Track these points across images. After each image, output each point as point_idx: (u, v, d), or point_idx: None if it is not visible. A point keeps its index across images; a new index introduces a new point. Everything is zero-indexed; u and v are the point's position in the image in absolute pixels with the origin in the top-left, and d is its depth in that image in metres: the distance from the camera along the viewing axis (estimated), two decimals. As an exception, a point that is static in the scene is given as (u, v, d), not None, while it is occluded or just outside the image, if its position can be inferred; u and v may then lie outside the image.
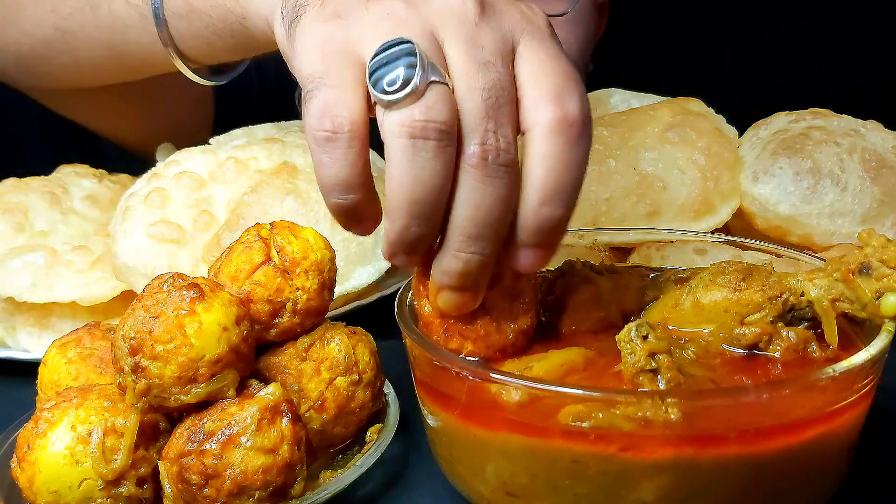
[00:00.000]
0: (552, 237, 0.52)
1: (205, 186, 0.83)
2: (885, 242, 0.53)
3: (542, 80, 0.51)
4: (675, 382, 0.50)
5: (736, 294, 0.57)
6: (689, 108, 0.90)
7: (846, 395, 0.49)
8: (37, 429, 0.54)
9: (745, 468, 0.48)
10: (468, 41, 0.51)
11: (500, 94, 0.50)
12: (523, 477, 0.50)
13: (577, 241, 0.71)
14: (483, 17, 0.52)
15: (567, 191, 0.51)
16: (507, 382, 0.49)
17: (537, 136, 0.50)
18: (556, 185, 0.50)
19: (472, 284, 0.53)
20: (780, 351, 0.55)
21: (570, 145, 0.50)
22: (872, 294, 0.53)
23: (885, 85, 1.41)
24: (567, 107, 0.50)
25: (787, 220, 0.82)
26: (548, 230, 0.51)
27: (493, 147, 0.49)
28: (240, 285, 0.60)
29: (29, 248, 0.83)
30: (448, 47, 0.52)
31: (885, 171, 0.82)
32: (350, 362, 0.61)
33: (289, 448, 0.53)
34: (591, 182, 0.85)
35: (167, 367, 0.53)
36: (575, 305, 0.60)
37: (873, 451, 0.56)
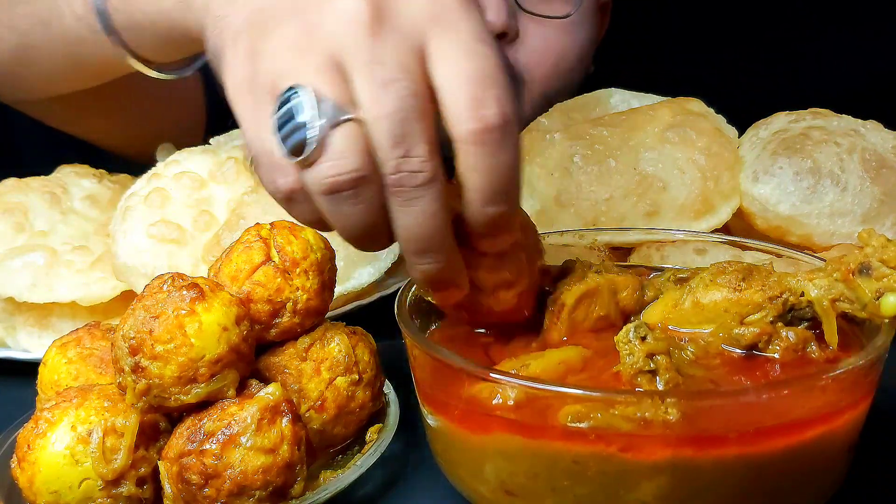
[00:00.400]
0: (505, 225, 0.53)
1: (205, 186, 0.83)
2: (885, 242, 0.53)
3: (455, 87, 0.49)
4: (674, 383, 0.50)
5: (736, 294, 0.57)
6: (689, 108, 0.90)
7: (846, 395, 0.49)
8: (37, 429, 0.54)
9: (744, 469, 0.48)
10: (368, 61, 0.50)
11: (408, 114, 0.49)
12: (523, 477, 0.50)
13: (577, 241, 0.71)
14: (379, 28, 0.50)
15: (504, 191, 0.50)
16: (505, 382, 0.49)
17: (461, 150, 0.49)
18: (492, 189, 0.50)
19: (443, 284, 0.55)
20: (779, 351, 0.55)
21: (494, 152, 0.49)
22: (872, 294, 0.53)
23: (885, 85, 1.41)
24: (484, 115, 0.49)
25: (787, 220, 0.82)
26: (498, 223, 0.52)
27: (407, 173, 0.49)
28: (240, 285, 0.60)
29: (29, 248, 0.83)
30: (350, 71, 0.50)
31: (885, 171, 0.82)
32: (350, 362, 0.61)
33: (289, 448, 0.53)
34: (591, 182, 0.85)
35: (167, 367, 0.53)
36: (574, 305, 0.60)
37: (873, 451, 0.56)
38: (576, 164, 0.86)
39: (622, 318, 0.61)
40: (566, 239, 0.71)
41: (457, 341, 0.61)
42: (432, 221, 0.50)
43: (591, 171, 0.86)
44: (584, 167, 0.86)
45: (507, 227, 0.53)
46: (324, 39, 0.51)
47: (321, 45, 0.51)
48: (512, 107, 0.50)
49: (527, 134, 0.94)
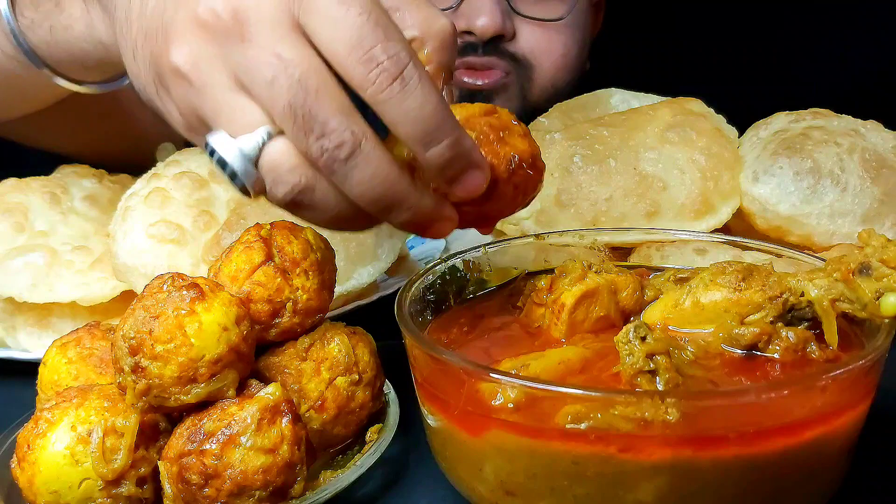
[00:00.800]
0: (461, 162, 0.51)
1: (205, 186, 0.83)
2: (885, 242, 0.53)
3: (340, 58, 0.49)
4: (674, 383, 0.50)
5: (736, 294, 0.57)
6: (689, 108, 0.91)
7: (846, 395, 0.49)
8: (37, 429, 0.54)
9: (743, 469, 0.48)
10: (248, 68, 0.49)
11: (303, 98, 0.48)
12: (522, 477, 0.50)
13: (577, 241, 0.71)
14: (242, 30, 0.50)
15: (434, 129, 0.49)
16: (505, 382, 0.49)
17: (376, 110, 0.49)
18: (422, 133, 0.49)
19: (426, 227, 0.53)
20: (779, 351, 0.55)
21: (402, 102, 0.48)
22: (872, 294, 0.53)
23: (885, 85, 1.41)
24: (377, 73, 0.48)
25: (787, 220, 0.82)
26: (449, 163, 0.51)
27: (331, 150, 0.49)
28: (240, 285, 0.60)
29: (29, 248, 0.83)
30: (244, 84, 0.50)
31: (885, 171, 0.82)
32: (350, 362, 0.61)
33: (289, 448, 0.53)
34: (591, 182, 0.85)
35: (167, 367, 0.53)
36: (574, 305, 0.60)
37: (873, 451, 0.56)
38: (576, 164, 0.86)
39: (622, 318, 0.61)
40: (566, 239, 0.71)
41: (457, 341, 0.61)
42: (381, 180, 0.50)
43: (591, 171, 0.86)
44: (584, 167, 0.86)
45: (463, 159, 0.51)
46: (209, 64, 0.51)
47: (220, 59, 0.51)
48: (398, 47, 0.48)
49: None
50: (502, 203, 0.55)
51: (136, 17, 0.57)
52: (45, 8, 0.74)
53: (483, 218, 0.56)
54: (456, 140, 0.50)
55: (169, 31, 0.52)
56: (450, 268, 0.66)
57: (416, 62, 0.49)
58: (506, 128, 0.54)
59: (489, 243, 0.68)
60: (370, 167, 0.49)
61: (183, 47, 0.52)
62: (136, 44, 0.57)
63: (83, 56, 0.74)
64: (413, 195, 0.51)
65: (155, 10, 0.54)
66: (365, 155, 0.49)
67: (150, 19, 0.55)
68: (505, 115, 0.54)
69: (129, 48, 0.58)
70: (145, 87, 0.57)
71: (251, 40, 0.49)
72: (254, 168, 0.50)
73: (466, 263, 0.67)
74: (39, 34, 0.76)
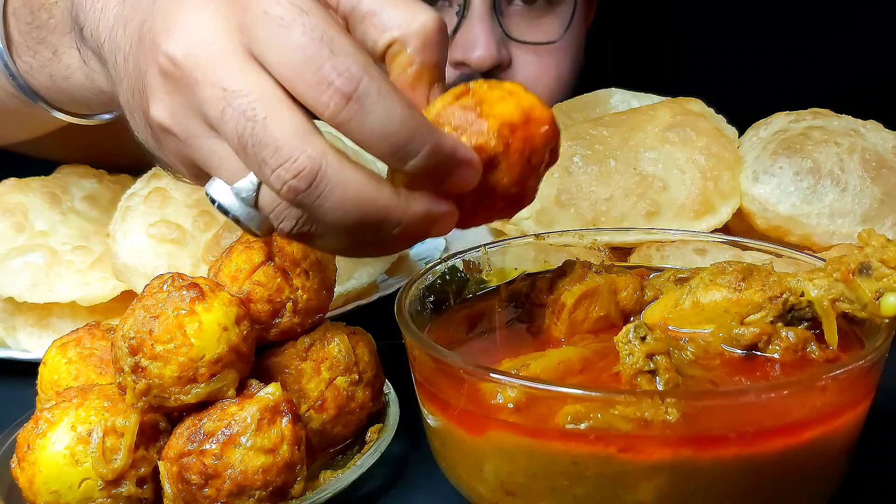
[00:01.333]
0: (445, 164, 0.47)
1: (205, 186, 0.83)
2: (885, 242, 0.53)
3: (291, 82, 0.46)
4: (674, 384, 0.50)
5: (736, 294, 0.57)
6: (689, 108, 0.91)
7: (846, 395, 0.49)
8: (37, 429, 0.54)
9: (743, 469, 0.48)
10: (206, 108, 0.47)
11: (252, 129, 0.45)
12: (522, 477, 0.50)
13: (577, 241, 0.71)
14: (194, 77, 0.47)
15: (403, 144, 0.45)
16: (505, 382, 0.49)
17: (337, 130, 0.46)
18: (392, 150, 0.46)
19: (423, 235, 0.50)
20: (779, 351, 0.55)
21: (363, 123, 0.45)
22: (872, 294, 0.53)
23: (885, 85, 1.41)
24: (329, 98, 0.45)
25: (787, 220, 0.82)
26: (433, 170, 0.47)
27: (293, 179, 0.45)
28: (240, 285, 0.60)
29: (29, 248, 0.83)
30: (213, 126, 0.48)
31: (885, 171, 0.82)
32: (350, 362, 0.61)
33: (289, 448, 0.53)
34: (591, 182, 0.85)
35: (167, 367, 0.53)
36: (574, 305, 0.60)
37: (873, 451, 0.56)
38: (576, 164, 0.86)
39: (622, 318, 0.61)
40: (566, 239, 0.71)
41: (457, 341, 0.61)
42: (355, 203, 0.46)
43: (591, 171, 0.86)
44: (584, 167, 0.86)
45: (451, 163, 0.47)
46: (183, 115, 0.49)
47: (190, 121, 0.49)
48: (349, 62, 0.45)
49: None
50: (515, 172, 0.50)
51: (123, 75, 0.56)
52: (44, 56, 0.73)
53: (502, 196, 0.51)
54: (433, 147, 0.46)
55: (145, 89, 0.51)
56: (450, 268, 0.66)
57: (371, 74, 0.45)
58: (481, 101, 0.49)
59: (489, 243, 0.68)
60: (338, 191, 0.46)
61: (159, 104, 0.50)
62: (130, 101, 0.56)
63: (87, 101, 0.73)
64: (397, 207, 0.47)
65: (134, 68, 0.53)
66: (330, 179, 0.45)
67: (133, 76, 0.54)
68: (478, 87, 0.50)
69: (125, 105, 0.57)
70: (147, 142, 0.56)
71: (204, 80, 0.47)
72: (255, 210, 0.48)
73: (466, 263, 0.67)
74: (40, 79, 0.75)
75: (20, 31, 0.75)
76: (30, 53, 0.75)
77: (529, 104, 0.50)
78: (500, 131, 0.49)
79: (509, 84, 0.51)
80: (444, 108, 0.49)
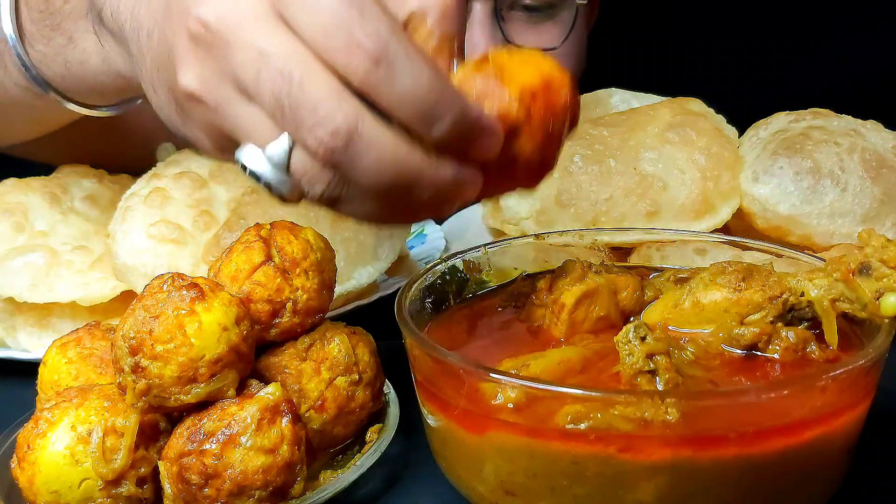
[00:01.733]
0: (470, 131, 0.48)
1: (205, 186, 0.83)
2: (885, 242, 0.53)
3: (322, 49, 0.46)
4: (674, 384, 0.50)
5: (736, 294, 0.57)
6: (689, 108, 0.91)
7: (846, 395, 0.49)
8: (37, 429, 0.54)
9: (743, 469, 0.48)
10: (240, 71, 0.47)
11: (288, 89, 0.46)
12: (522, 477, 0.50)
13: (577, 241, 0.71)
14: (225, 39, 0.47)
15: (431, 109, 0.46)
16: (505, 382, 0.49)
17: (364, 94, 0.46)
18: (421, 115, 0.46)
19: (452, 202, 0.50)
20: (779, 351, 0.55)
21: (392, 87, 0.45)
22: (872, 294, 0.53)
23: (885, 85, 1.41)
24: (359, 63, 0.45)
25: (787, 220, 0.82)
26: (458, 136, 0.47)
27: (328, 137, 0.45)
28: (240, 285, 0.60)
29: (29, 248, 0.83)
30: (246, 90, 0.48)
31: (885, 171, 0.82)
32: (350, 362, 0.61)
33: (289, 448, 0.53)
34: (591, 182, 0.85)
35: (167, 367, 0.53)
36: (574, 305, 0.60)
37: (873, 451, 0.56)
38: (576, 164, 0.86)
39: (622, 318, 0.61)
40: (566, 239, 0.71)
41: (457, 341, 0.61)
42: (390, 163, 0.46)
43: (591, 171, 0.86)
44: (584, 167, 0.86)
45: (475, 130, 0.48)
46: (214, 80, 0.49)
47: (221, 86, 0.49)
48: (377, 25, 0.45)
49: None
50: (537, 139, 0.50)
51: (147, 51, 0.56)
52: (58, 42, 0.73)
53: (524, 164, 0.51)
54: (459, 113, 0.46)
55: (173, 57, 0.51)
56: (450, 268, 0.66)
57: (400, 38, 0.45)
58: (502, 69, 0.50)
59: (489, 243, 0.68)
60: (374, 151, 0.46)
61: (188, 70, 0.50)
62: (153, 77, 0.56)
63: (101, 87, 0.73)
64: (429, 169, 0.47)
65: (160, 41, 0.53)
66: (365, 138, 0.46)
67: (158, 50, 0.54)
68: (497, 55, 0.51)
69: (148, 83, 0.57)
70: (170, 118, 0.56)
71: (237, 43, 0.47)
72: (287, 175, 0.48)
73: (466, 263, 0.67)
74: (54, 68, 0.75)
75: (32, 19, 0.75)
76: (43, 42, 0.74)
77: (549, 70, 0.51)
78: (522, 98, 0.49)
79: (527, 50, 0.51)
80: (466, 77, 0.50)
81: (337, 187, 0.48)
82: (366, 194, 0.48)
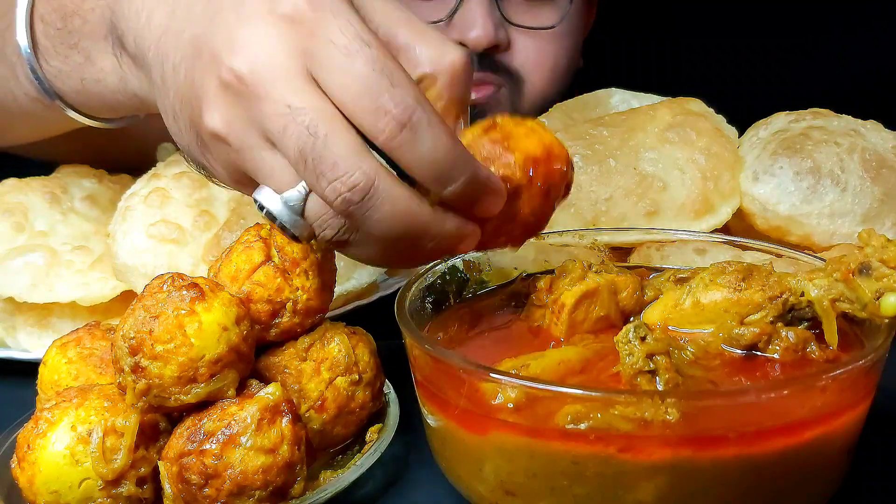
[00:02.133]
0: (478, 191, 0.52)
1: (205, 186, 0.83)
2: (885, 242, 0.53)
3: (350, 105, 0.49)
4: (674, 384, 0.50)
5: (736, 294, 0.57)
6: (689, 108, 0.90)
7: (846, 395, 0.49)
8: (37, 429, 0.54)
9: (743, 469, 0.48)
10: (268, 123, 0.51)
11: (313, 144, 0.49)
12: (522, 477, 0.50)
13: (577, 241, 0.71)
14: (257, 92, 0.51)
15: (447, 171, 0.50)
16: (505, 382, 0.49)
17: (387, 153, 0.50)
18: (436, 175, 0.50)
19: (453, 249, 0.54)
20: (779, 351, 0.55)
21: (415, 148, 0.49)
22: (872, 294, 0.53)
23: (885, 85, 1.41)
24: (386, 124, 0.49)
25: (787, 220, 0.82)
26: (468, 196, 0.51)
27: (347, 192, 0.49)
28: (240, 285, 0.60)
29: (29, 248, 0.83)
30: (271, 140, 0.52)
31: (885, 171, 0.82)
32: (350, 362, 0.61)
33: (289, 448, 0.53)
34: (591, 182, 0.85)
35: (167, 367, 0.53)
36: (574, 305, 0.60)
37: (873, 451, 0.56)
38: (576, 164, 0.86)
39: (622, 318, 0.61)
40: (566, 239, 0.71)
41: (457, 341, 0.61)
42: (401, 217, 0.50)
43: (591, 171, 0.86)
44: (584, 167, 0.86)
45: (483, 191, 0.52)
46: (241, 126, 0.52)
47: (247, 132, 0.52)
48: (405, 93, 0.49)
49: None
50: (535, 203, 0.55)
51: (172, 83, 0.58)
52: (75, 60, 0.74)
53: (520, 224, 0.56)
54: (472, 176, 0.51)
55: (201, 97, 0.54)
56: (450, 268, 0.66)
57: (424, 106, 0.49)
58: (508, 136, 0.54)
59: (489, 244, 0.68)
60: (387, 206, 0.50)
61: (215, 113, 0.53)
62: (175, 108, 0.58)
63: (116, 105, 0.75)
64: (435, 223, 0.52)
65: (186, 77, 0.56)
66: (380, 194, 0.49)
67: (183, 86, 0.56)
68: (504, 122, 0.55)
69: (168, 111, 0.59)
70: (188, 147, 0.59)
71: (268, 96, 0.50)
72: (301, 218, 0.52)
73: (466, 263, 0.67)
74: (69, 84, 0.76)
75: (48, 35, 0.76)
76: (59, 59, 0.76)
77: (550, 141, 0.55)
78: (525, 165, 0.54)
79: (531, 121, 0.56)
80: (475, 140, 0.54)
81: (347, 232, 0.52)
82: (372, 241, 0.52)
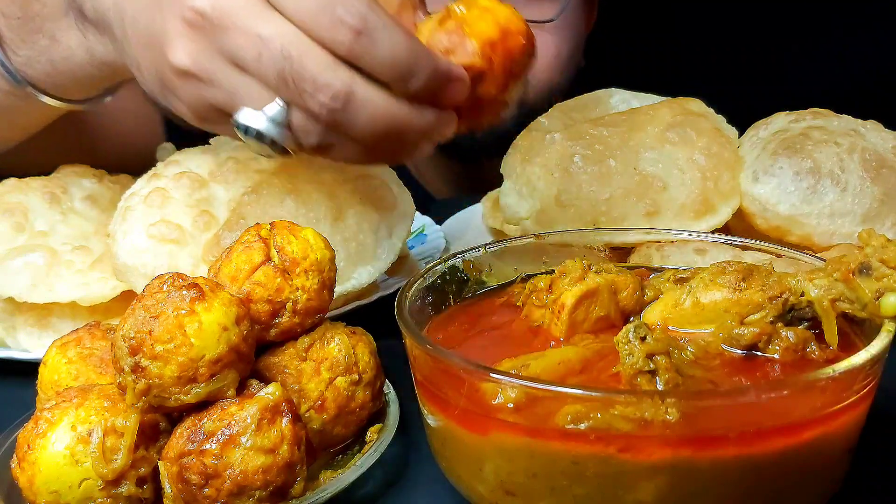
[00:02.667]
0: (441, 82, 0.56)
1: (205, 186, 0.83)
2: (885, 242, 0.53)
3: (305, 18, 0.54)
4: (674, 384, 0.50)
5: (736, 294, 0.57)
6: (689, 108, 0.91)
7: (846, 395, 0.49)
8: (37, 429, 0.54)
9: (743, 469, 0.48)
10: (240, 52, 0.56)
11: (290, 66, 0.54)
12: (522, 476, 0.50)
13: (577, 241, 0.71)
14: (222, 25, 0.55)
15: (408, 69, 0.54)
16: (505, 382, 0.49)
17: (350, 62, 0.54)
18: (399, 74, 0.55)
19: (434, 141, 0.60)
20: (779, 351, 0.55)
21: (373, 54, 0.53)
22: (872, 294, 0.53)
23: (885, 85, 1.41)
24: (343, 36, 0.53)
25: (787, 220, 0.82)
26: (432, 87, 0.56)
27: (327, 101, 0.54)
28: (240, 285, 0.60)
29: (29, 248, 0.83)
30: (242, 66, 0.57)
31: (885, 171, 0.82)
32: (350, 362, 0.61)
33: (289, 448, 0.53)
34: (591, 182, 0.85)
35: (167, 367, 0.53)
36: (574, 305, 0.60)
37: (873, 451, 0.56)
38: (576, 164, 0.86)
39: (622, 318, 0.61)
40: (566, 239, 0.71)
41: (457, 341, 0.61)
42: (383, 116, 0.55)
43: (591, 171, 0.86)
44: (584, 167, 0.86)
45: (445, 80, 0.56)
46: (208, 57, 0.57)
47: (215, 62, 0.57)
48: (356, 8, 0.53)
49: (527, 134, 0.94)
50: (499, 83, 0.59)
51: (132, 34, 0.61)
52: (41, 44, 0.78)
53: (490, 102, 0.60)
54: (432, 70, 0.55)
55: (163, 39, 0.57)
56: (450, 268, 0.66)
57: (376, 11, 0.54)
58: (462, 23, 0.58)
59: (489, 243, 0.68)
60: (369, 107, 0.55)
61: (180, 50, 0.57)
62: (139, 56, 0.62)
63: (88, 79, 0.79)
64: (415, 117, 0.56)
65: (146, 23, 0.59)
66: (360, 98, 0.54)
67: (144, 32, 0.60)
68: (455, 11, 0.58)
69: (133, 62, 0.63)
70: (154, 93, 0.62)
71: (235, 27, 0.55)
72: (287, 130, 0.56)
73: (466, 263, 0.67)
74: (39, 68, 0.79)
75: (11, 27, 0.79)
76: (26, 47, 0.79)
77: (506, 19, 0.59)
78: (483, 50, 0.58)
79: (484, 1, 0.59)
80: (432, 34, 0.58)
81: (330, 136, 0.56)
82: (360, 141, 0.57)
